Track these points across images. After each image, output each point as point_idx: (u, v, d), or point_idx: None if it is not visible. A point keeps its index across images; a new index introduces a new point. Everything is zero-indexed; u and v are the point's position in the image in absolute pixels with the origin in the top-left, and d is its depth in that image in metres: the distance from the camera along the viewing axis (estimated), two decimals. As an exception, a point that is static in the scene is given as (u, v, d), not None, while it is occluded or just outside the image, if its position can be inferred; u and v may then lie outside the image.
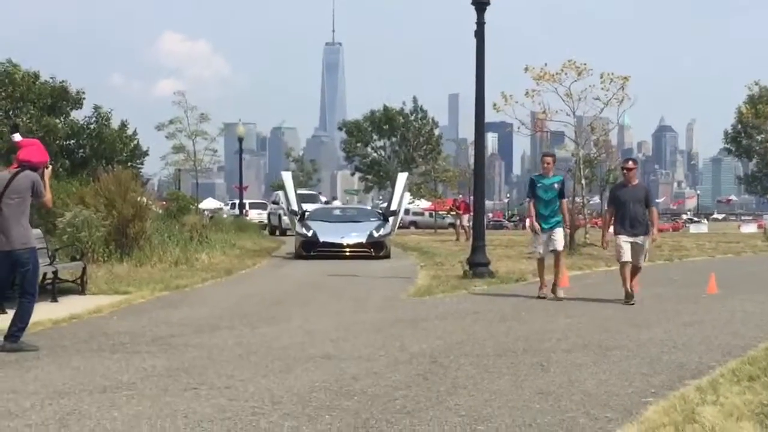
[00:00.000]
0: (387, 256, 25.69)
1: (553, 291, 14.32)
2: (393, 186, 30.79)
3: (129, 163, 38.40)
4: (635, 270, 13.72)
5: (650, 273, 20.41)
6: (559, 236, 14.25)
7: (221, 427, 5.93)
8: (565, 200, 14.97)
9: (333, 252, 25.03)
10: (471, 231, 24.58)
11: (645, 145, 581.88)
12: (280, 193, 34.24)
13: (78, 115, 39.00)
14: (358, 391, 7.09)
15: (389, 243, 26.79)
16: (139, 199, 22.84)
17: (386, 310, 12.91)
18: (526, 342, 9.74)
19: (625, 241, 13.35)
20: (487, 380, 7.54)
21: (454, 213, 44.83)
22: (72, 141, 37.79)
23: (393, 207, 28.34)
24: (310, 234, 25.78)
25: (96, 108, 39.68)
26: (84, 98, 38.82)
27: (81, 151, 37.98)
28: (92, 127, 38.84)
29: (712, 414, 6.02)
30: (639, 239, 13.45)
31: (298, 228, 26.53)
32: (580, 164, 35.18)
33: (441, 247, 33.37)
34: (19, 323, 9.15)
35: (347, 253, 25.08)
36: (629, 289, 13.35)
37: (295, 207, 27.59)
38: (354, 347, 9.44)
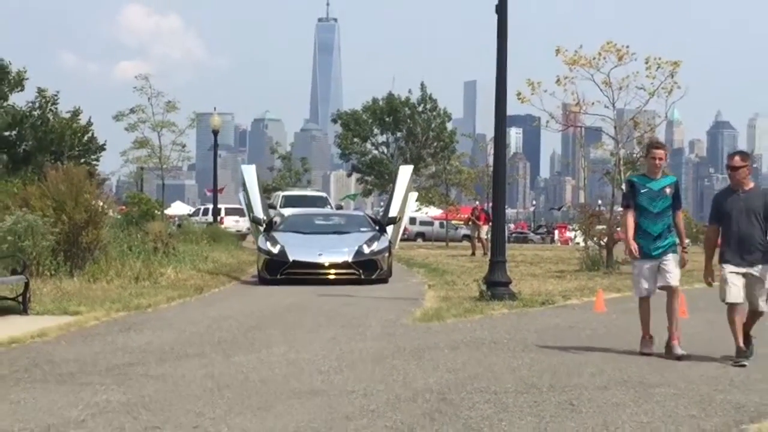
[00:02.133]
0: (383, 280, 22.51)
1: (668, 347, 11.12)
2: (394, 184, 26.86)
3: (82, 159, 38.51)
4: (753, 315, 10.82)
5: (702, 296, 20.39)
6: (672, 265, 11.17)
7: (187, 474, 5.95)
8: (680, 212, 11.54)
9: (308, 275, 21.70)
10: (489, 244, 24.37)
11: (698, 144, 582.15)
12: (240, 195, 29.49)
13: (19, 100, 39.02)
14: (352, 434, 7.08)
15: (386, 261, 23.11)
16: (93, 202, 22.86)
17: (386, 338, 12.89)
18: (553, 376, 9.73)
19: (733, 273, 10.48)
20: (505, 422, 7.56)
21: (471, 223, 43.69)
22: (12, 131, 37.79)
23: (393, 212, 25.23)
24: (276, 250, 22.19)
25: (40, 91, 39.69)
26: (26, 79, 38.86)
27: (23, 143, 37.96)
28: (36, 114, 38.82)
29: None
30: (757, 270, 10.40)
31: (261, 242, 23.13)
32: (621, 166, 35.15)
33: (453, 263, 33.41)
34: None
35: (327, 276, 21.89)
36: (741, 344, 10.55)
37: (259, 213, 24.96)
38: (347, 381, 9.43)
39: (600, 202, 40.73)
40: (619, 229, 33.01)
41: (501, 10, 18.28)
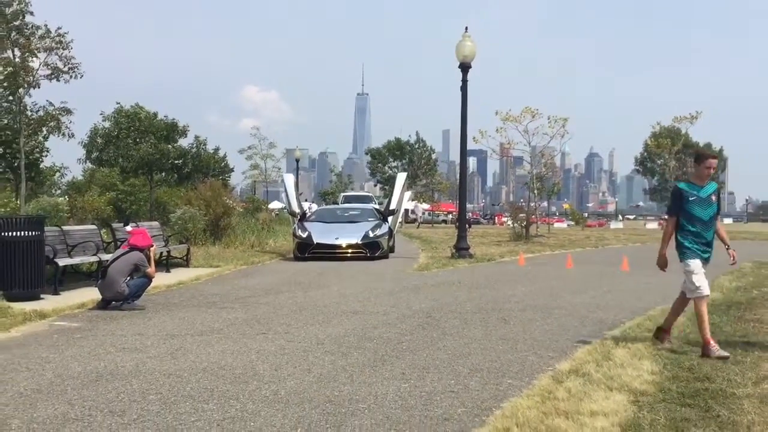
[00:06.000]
0: (384, 257, 18.47)
1: (659, 336, 6.69)
2: (392, 186, 21.54)
3: (220, 177, 38.62)
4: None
5: (582, 255, 20.35)
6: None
7: (282, 360, 5.96)
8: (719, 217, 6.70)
9: (328, 253, 17.94)
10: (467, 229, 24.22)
11: (579, 166, 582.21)
12: (282, 195, 23.51)
13: (184, 143, 39.25)
14: (377, 336, 7.10)
15: (387, 243, 19.01)
16: (227, 201, 22.97)
17: (397, 281, 12.89)
18: (494, 303, 9.71)
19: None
20: (466, 329, 7.54)
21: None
22: (180, 161, 38.02)
23: (392, 206, 20.58)
24: (305, 235, 18.40)
25: (197, 137, 40.03)
26: (188, 131, 39.02)
27: (186, 167, 38.20)
28: (194, 150, 39.10)
29: (622, 354, 6.01)
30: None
31: (294, 229, 19.29)
32: (534, 180, 35.29)
33: (436, 237, 33.37)
34: (134, 295, 9.22)
35: (344, 254, 18.00)
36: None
37: (295, 208, 20.65)
38: (374, 306, 9.44)
39: (522, 200, 40.66)
40: (533, 216, 33.09)
41: (463, 88, 18.27)
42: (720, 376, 5.23)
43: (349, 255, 17.95)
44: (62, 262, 10.74)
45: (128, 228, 10.25)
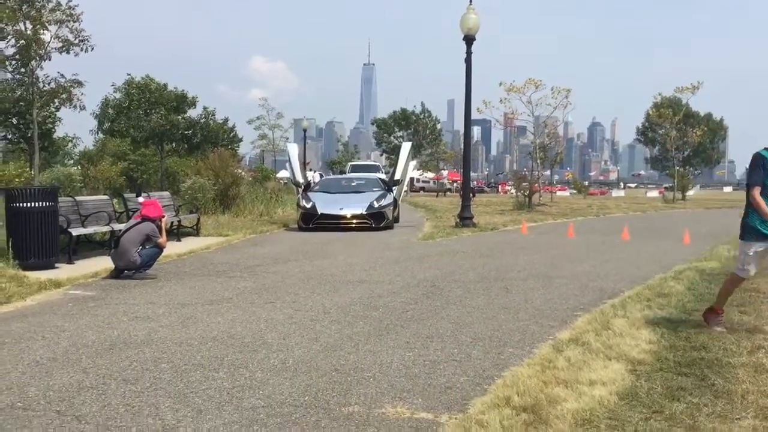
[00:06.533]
0: (389, 227, 17.83)
1: None
2: (397, 156, 21.43)
3: (229, 146, 38.56)
4: None
5: (584, 224, 20.33)
6: None
7: (289, 329, 5.99)
8: None
9: (332, 224, 17.28)
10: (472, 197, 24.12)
11: (582, 135, 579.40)
12: (287, 165, 22.52)
13: (193, 113, 39.14)
14: (382, 305, 7.12)
15: (392, 213, 18.27)
16: (236, 171, 22.92)
17: (402, 250, 12.88)
18: (496, 272, 9.70)
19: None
20: (469, 298, 7.55)
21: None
22: (189, 131, 37.96)
23: (397, 176, 19.76)
24: (309, 206, 17.68)
25: (205, 108, 39.93)
26: (198, 101, 38.92)
27: (195, 138, 38.13)
28: (203, 121, 38.98)
29: (621, 324, 6.02)
30: None
31: (299, 200, 18.55)
32: (537, 149, 35.12)
33: (440, 205, 33.36)
34: (146, 264, 9.26)
35: (347, 225, 17.30)
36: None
37: (299, 178, 19.86)
38: (380, 275, 9.44)
39: (525, 170, 40.54)
40: (536, 185, 32.93)
41: (467, 60, 18.10)
42: (716, 345, 5.24)
43: (353, 225, 17.36)
44: (76, 231, 10.77)
45: (140, 199, 10.27)
